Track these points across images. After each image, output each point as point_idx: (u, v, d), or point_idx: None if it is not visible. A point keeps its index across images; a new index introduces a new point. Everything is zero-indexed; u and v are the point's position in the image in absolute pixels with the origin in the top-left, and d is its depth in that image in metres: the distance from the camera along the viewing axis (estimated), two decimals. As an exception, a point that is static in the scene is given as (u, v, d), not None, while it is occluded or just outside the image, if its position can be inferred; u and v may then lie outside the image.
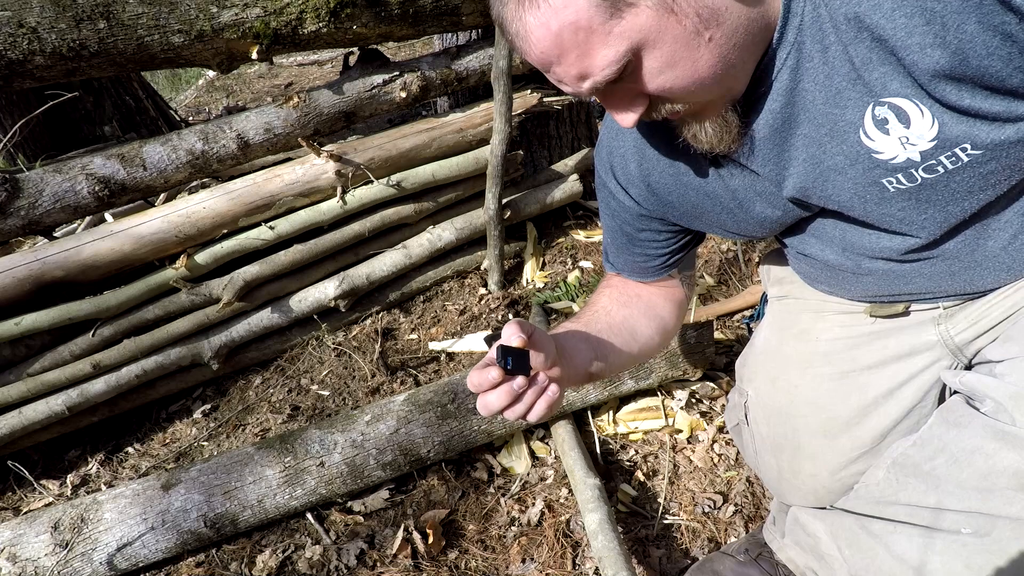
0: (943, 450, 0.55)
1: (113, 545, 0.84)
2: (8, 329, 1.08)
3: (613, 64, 0.42)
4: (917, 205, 0.50)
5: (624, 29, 0.40)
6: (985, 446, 0.52)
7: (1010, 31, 0.39)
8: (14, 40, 0.93)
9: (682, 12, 0.40)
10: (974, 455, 0.53)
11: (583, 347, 0.59)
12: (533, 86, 1.40)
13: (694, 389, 1.06)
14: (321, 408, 1.19)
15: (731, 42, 0.43)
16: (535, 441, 1.03)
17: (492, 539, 0.88)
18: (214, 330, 1.24)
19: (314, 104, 1.17)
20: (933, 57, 0.41)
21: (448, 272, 1.44)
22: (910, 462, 0.58)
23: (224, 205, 1.16)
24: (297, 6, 1.06)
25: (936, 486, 0.55)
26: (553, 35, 0.41)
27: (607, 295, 0.69)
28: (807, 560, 0.68)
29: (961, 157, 0.46)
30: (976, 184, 0.48)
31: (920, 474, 0.56)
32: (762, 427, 0.74)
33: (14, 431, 1.12)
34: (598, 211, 1.76)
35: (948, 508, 0.54)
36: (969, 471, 0.53)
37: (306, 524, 0.93)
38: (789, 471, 0.70)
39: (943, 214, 0.51)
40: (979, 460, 0.53)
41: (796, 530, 0.70)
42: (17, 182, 1.01)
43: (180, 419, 1.25)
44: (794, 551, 0.70)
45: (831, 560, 0.64)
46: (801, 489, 0.70)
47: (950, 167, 0.46)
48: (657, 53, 0.42)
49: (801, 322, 0.70)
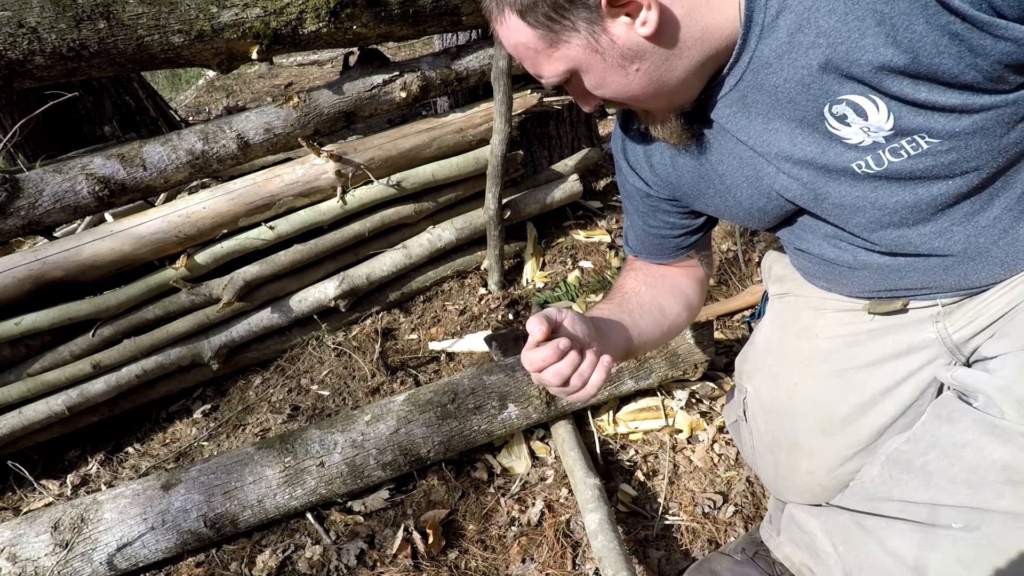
0: (935, 445, 0.56)
1: (113, 545, 0.84)
2: (8, 329, 1.08)
3: (556, 76, 0.52)
4: (888, 186, 0.52)
5: (561, 56, 0.50)
6: (975, 440, 0.53)
7: (956, 31, 0.42)
8: (14, 40, 0.93)
9: (605, 52, 0.49)
10: (964, 449, 0.53)
11: (618, 327, 0.63)
12: (533, 86, 1.40)
13: (694, 389, 1.06)
14: (321, 408, 1.19)
15: (659, 71, 0.50)
16: (535, 441, 1.03)
17: (492, 539, 0.88)
18: (214, 330, 1.24)
19: (314, 104, 1.17)
20: (887, 55, 0.44)
21: (448, 272, 1.44)
22: (903, 458, 0.58)
23: (224, 205, 1.16)
24: (297, 6, 1.06)
25: (928, 481, 0.55)
26: (512, 47, 0.53)
27: (633, 277, 0.73)
28: (803, 557, 0.68)
29: (921, 144, 0.49)
30: (941, 171, 0.50)
31: (912, 470, 0.57)
32: (760, 424, 0.74)
33: (14, 431, 1.12)
34: (598, 211, 1.77)
35: (940, 503, 0.54)
36: (960, 466, 0.53)
37: (306, 524, 0.93)
38: (786, 468, 0.71)
39: (913, 197, 0.52)
40: (969, 454, 0.53)
41: (792, 528, 0.70)
42: (17, 182, 1.01)
43: (180, 419, 1.25)
44: (790, 548, 0.70)
45: (826, 557, 0.65)
46: (798, 486, 0.70)
47: (912, 153, 0.49)
48: (590, 75, 0.52)
49: (801, 319, 0.71)
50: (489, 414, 0.95)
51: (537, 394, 0.95)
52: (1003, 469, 0.51)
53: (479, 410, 0.94)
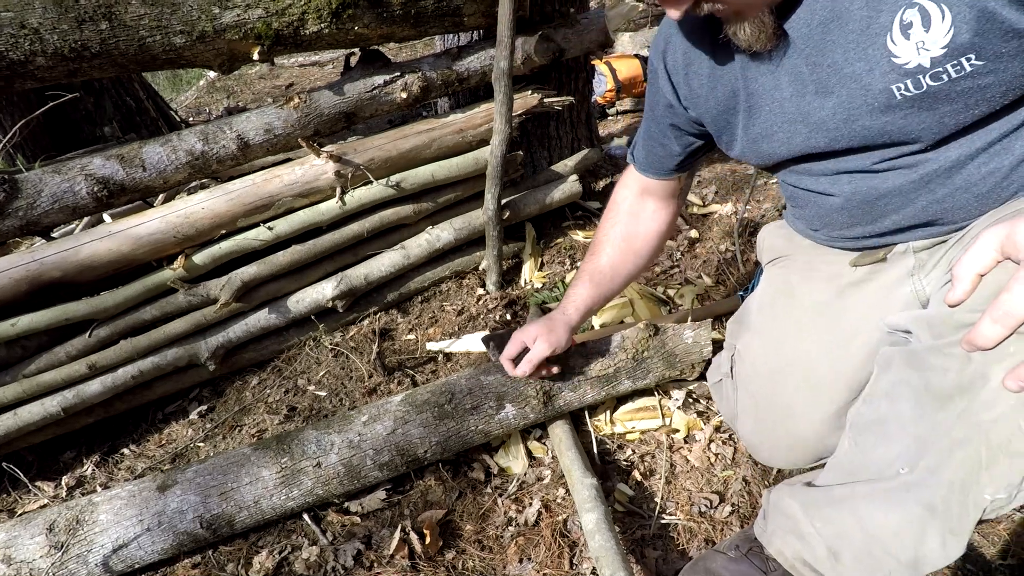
0: (882, 395, 0.58)
1: (109, 547, 0.84)
2: (4, 330, 1.08)
3: None
4: (918, 113, 0.56)
5: None
6: (904, 376, 0.56)
7: None
8: (16, 41, 0.93)
9: None
10: (899, 387, 0.56)
11: (599, 300, 0.88)
12: (534, 87, 1.41)
13: (691, 389, 1.06)
14: (318, 409, 1.19)
15: None
16: (532, 441, 1.03)
17: (489, 539, 0.88)
18: (211, 331, 1.24)
19: (315, 105, 1.17)
20: None
21: (446, 272, 1.44)
22: (861, 420, 0.61)
23: (223, 206, 1.16)
24: (299, 7, 1.06)
25: (883, 432, 0.57)
26: None
27: (616, 237, 0.88)
28: (793, 546, 0.68)
29: (965, 67, 0.52)
30: (973, 96, 0.54)
31: (870, 427, 0.59)
32: (746, 380, 0.78)
33: (9, 432, 1.12)
34: (597, 212, 1.77)
35: (893, 453, 0.56)
36: (901, 404, 0.55)
37: (303, 525, 0.92)
38: (769, 425, 0.73)
39: (939, 124, 0.56)
40: (903, 391, 0.55)
41: (776, 515, 0.71)
42: (16, 182, 1.01)
43: (176, 420, 1.25)
44: (779, 538, 0.70)
45: (810, 538, 0.65)
46: (779, 445, 0.72)
47: (954, 75, 0.52)
48: None
49: (791, 280, 0.75)
50: (486, 414, 0.95)
51: (534, 394, 0.95)
52: (926, 392, 0.53)
53: (476, 410, 0.94)
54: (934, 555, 0.55)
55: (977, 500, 0.52)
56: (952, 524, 0.53)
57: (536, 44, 1.32)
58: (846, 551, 0.61)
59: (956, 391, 0.51)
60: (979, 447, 0.51)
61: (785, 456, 0.72)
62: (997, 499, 0.51)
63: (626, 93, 2.56)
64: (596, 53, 1.71)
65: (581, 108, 1.63)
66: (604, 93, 2.51)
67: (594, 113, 1.80)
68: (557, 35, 1.36)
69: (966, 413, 0.51)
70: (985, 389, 0.50)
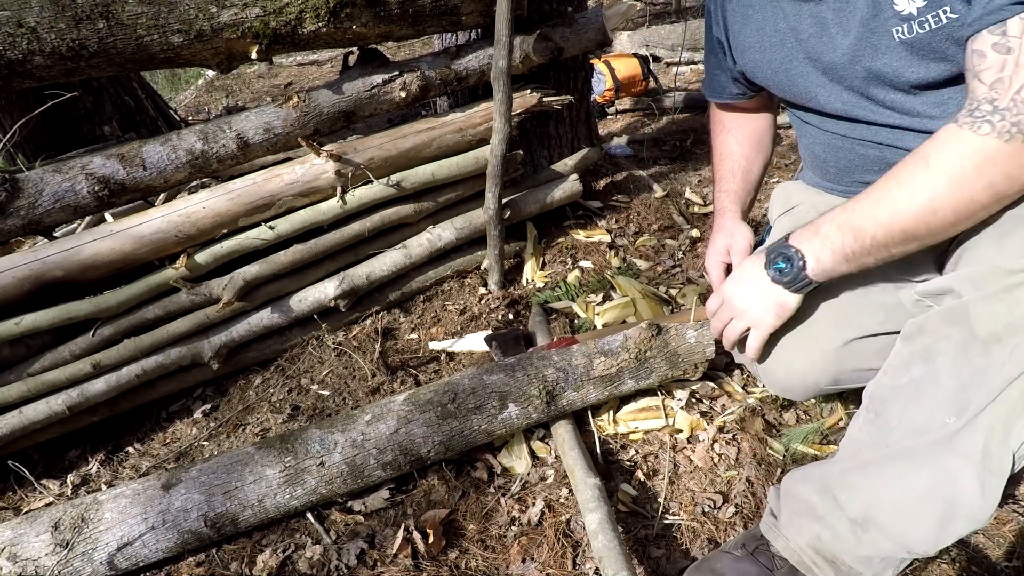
0: (917, 358, 0.60)
1: (113, 545, 0.84)
2: (8, 329, 1.08)
3: None
4: (910, 56, 0.64)
5: None
6: (943, 330, 0.58)
7: None
8: (13, 40, 0.93)
9: None
10: (940, 343, 0.58)
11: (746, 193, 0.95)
12: (533, 86, 1.40)
13: (694, 389, 1.06)
14: (321, 408, 1.19)
15: None
16: (535, 441, 1.03)
17: (492, 539, 0.89)
18: (214, 330, 1.24)
19: (314, 104, 1.17)
20: None
21: (448, 272, 1.44)
22: (882, 391, 0.63)
23: (224, 205, 1.16)
24: (296, 6, 1.06)
25: (917, 394, 0.59)
26: None
27: (733, 141, 0.96)
28: (809, 530, 0.68)
29: (942, 18, 0.59)
30: (950, 48, 0.60)
31: (895, 394, 0.61)
32: None
33: (14, 431, 1.12)
34: (598, 211, 1.77)
35: (929, 410, 0.58)
36: (941, 360, 0.57)
37: (306, 524, 0.93)
38: (785, 343, 0.75)
39: (925, 69, 0.64)
40: (944, 346, 0.57)
41: (790, 502, 0.71)
42: (17, 182, 1.01)
43: (180, 419, 1.25)
44: (793, 525, 0.70)
45: (829, 517, 0.65)
46: (795, 365, 0.74)
47: (935, 25, 0.60)
48: None
49: (807, 219, 0.75)
50: (489, 414, 0.95)
51: (537, 394, 0.96)
52: (972, 340, 0.55)
53: (479, 410, 0.94)
54: (973, 501, 0.56)
55: (1020, 436, 0.53)
56: (991, 466, 0.55)
57: (534, 43, 1.31)
58: (878, 517, 0.61)
59: (1006, 331, 0.52)
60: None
61: (800, 381, 0.74)
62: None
63: (625, 92, 2.55)
64: (595, 52, 1.70)
65: (580, 107, 1.62)
66: (603, 92, 2.50)
67: (593, 112, 1.79)
68: (555, 34, 1.35)
69: (1017, 350, 0.52)
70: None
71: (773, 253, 0.71)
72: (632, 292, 1.31)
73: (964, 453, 0.55)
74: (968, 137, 0.55)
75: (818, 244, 0.66)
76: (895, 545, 0.61)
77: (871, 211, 0.61)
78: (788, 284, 0.70)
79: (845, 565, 0.65)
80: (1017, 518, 0.81)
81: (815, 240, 0.66)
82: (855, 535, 0.63)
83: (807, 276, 0.68)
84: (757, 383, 1.09)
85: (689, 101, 2.46)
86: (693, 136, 2.19)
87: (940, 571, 0.76)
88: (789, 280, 0.69)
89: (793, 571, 0.69)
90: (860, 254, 0.63)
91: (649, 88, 2.60)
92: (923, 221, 0.58)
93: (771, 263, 0.71)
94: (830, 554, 0.66)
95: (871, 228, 0.61)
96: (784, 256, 0.69)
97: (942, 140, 0.57)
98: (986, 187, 0.55)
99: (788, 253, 0.69)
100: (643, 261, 1.46)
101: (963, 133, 0.55)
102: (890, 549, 0.62)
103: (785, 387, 0.79)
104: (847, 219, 0.63)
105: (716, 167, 0.98)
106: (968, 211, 0.57)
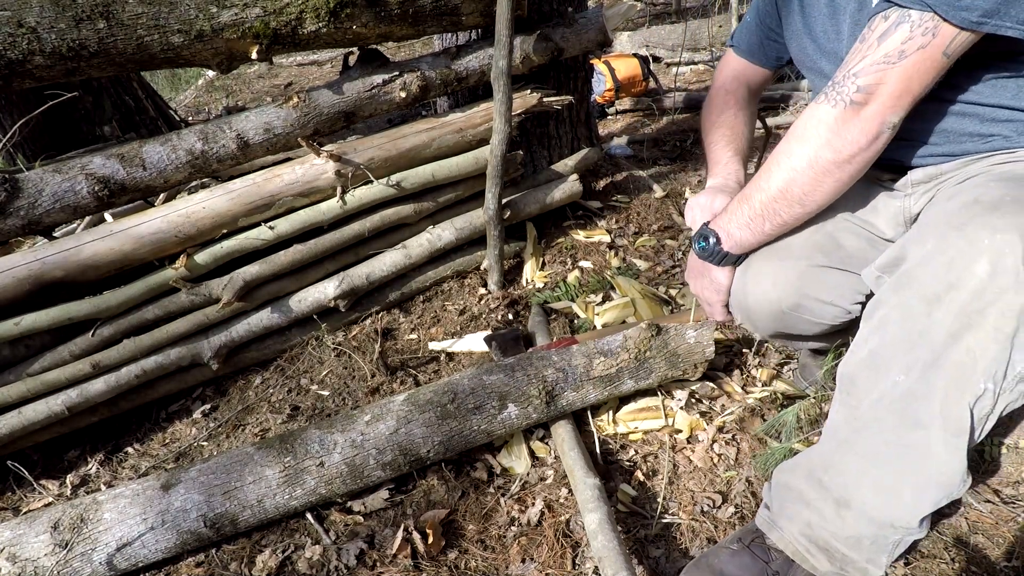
0: (872, 331, 0.63)
1: (113, 545, 0.84)
2: (8, 329, 1.08)
3: None
4: None
5: None
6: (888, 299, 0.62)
7: None
8: (13, 40, 0.93)
9: None
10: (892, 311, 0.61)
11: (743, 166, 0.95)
12: (533, 86, 1.40)
13: (694, 389, 1.06)
14: (321, 408, 1.19)
15: None
16: (535, 441, 1.03)
17: (492, 539, 0.88)
18: (214, 330, 1.24)
19: (314, 104, 1.17)
20: None
21: (448, 272, 1.44)
22: (848, 368, 0.66)
23: (224, 205, 1.16)
24: (297, 6, 1.06)
25: (875, 365, 0.62)
26: None
27: (732, 116, 0.96)
28: (800, 516, 0.69)
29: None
30: None
31: (859, 369, 0.64)
32: None
33: (14, 431, 1.12)
34: (598, 211, 1.77)
35: (888, 376, 0.61)
36: (891, 327, 0.60)
37: (306, 524, 0.93)
38: (756, 263, 0.79)
39: None
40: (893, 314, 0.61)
41: (781, 491, 0.73)
42: (17, 182, 1.01)
43: (180, 419, 1.25)
44: (785, 514, 0.71)
45: (816, 501, 0.68)
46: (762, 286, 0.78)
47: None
48: None
49: None
50: (489, 414, 0.95)
51: (537, 394, 0.96)
52: (917, 302, 0.58)
53: (479, 410, 0.94)
54: (942, 466, 0.59)
55: (973, 391, 0.56)
56: (951, 427, 0.58)
57: (534, 43, 1.32)
58: (857, 492, 0.64)
59: (946, 290, 0.56)
60: (970, 337, 0.55)
61: (765, 292, 0.78)
62: (986, 390, 0.56)
63: (625, 92, 2.55)
64: (595, 52, 1.70)
65: (580, 107, 1.62)
66: (603, 92, 2.50)
67: (593, 112, 1.79)
68: (555, 34, 1.35)
69: (955, 306, 0.56)
70: (973, 280, 0.55)
71: (696, 234, 0.82)
72: (632, 292, 1.31)
73: (924, 420, 0.58)
74: (817, 108, 0.68)
75: (726, 218, 0.78)
76: (877, 520, 0.63)
77: (757, 181, 0.73)
78: (711, 259, 0.81)
79: (838, 552, 0.66)
80: (1017, 518, 0.81)
81: (724, 216, 0.78)
82: (840, 515, 0.65)
83: (722, 249, 0.79)
84: (756, 383, 1.09)
85: (689, 101, 2.46)
86: (693, 136, 2.19)
87: (940, 571, 0.76)
88: (710, 255, 0.81)
89: (789, 562, 0.70)
90: (755, 219, 0.75)
91: (649, 88, 2.60)
92: (790, 179, 0.70)
93: (696, 243, 0.82)
94: (822, 540, 0.67)
95: (757, 194, 0.74)
96: (702, 235, 0.81)
97: (805, 113, 0.70)
98: (825, 146, 0.67)
99: (705, 232, 0.80)
100: (643, 261, 1.47)
101: (816, 106, 0.68)
102: (873, 526, 0.63)
103: (751, 310, 0.81)
104: (743, 193, 0.76)
105: (717, 127, 0.97)
106: (820, 168, 0.68)
